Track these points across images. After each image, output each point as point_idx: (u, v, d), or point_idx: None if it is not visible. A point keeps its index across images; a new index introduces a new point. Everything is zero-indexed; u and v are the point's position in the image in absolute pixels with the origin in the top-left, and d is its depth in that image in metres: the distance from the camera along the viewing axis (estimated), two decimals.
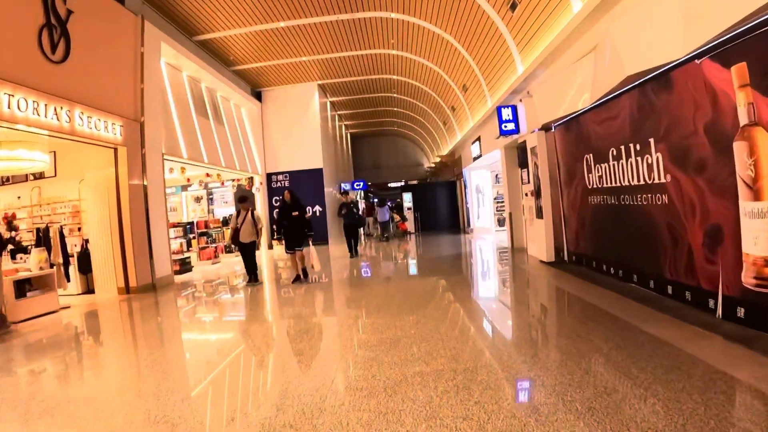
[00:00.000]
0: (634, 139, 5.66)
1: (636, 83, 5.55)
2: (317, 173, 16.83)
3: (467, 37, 10.66)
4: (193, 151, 12.05)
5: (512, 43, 8.79)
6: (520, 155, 9.38)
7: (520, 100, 8.73)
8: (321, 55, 14.58)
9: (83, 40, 7.90)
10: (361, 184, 25.27)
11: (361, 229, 16.44)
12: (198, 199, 18.19)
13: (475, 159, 14.13)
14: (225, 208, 17.22)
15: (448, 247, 13.12)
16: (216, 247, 13.95)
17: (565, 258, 8.10)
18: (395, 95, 19.66)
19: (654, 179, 5.32)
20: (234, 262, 13.62)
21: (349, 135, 27.99)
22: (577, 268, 7.57)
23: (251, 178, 16.58)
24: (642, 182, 5.57)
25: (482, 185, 15.86)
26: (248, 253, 8.49)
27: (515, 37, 8.60)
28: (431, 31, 11.86)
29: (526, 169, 9.13)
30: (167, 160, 10.79)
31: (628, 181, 5.85)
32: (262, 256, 14.61)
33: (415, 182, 28.14)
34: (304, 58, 14.75)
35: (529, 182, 8.96)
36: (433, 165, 26.26)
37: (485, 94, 11.73)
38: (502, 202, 15.83)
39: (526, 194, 9.17)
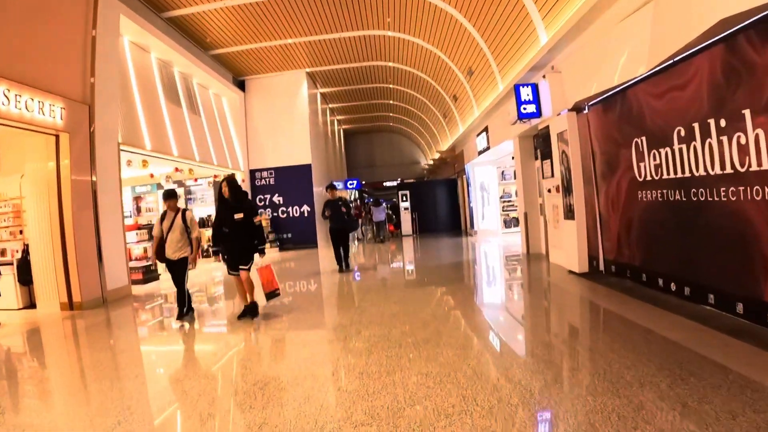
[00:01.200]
0: (716, 112, 4.18)
1: (719, 36, 4.08)
2: (306, 169, 15.28)
3: (475, 9, 9.18)
4: (159, 142, 10.47)
5: (533, 8, 7.31)
6: (541, 144, 7.90)
7: (544, 77, 7.25)
8: (309, 37, 13.05)
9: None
10: (355, 183, 23.72)
11: (353, 233, 14.92)
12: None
13: (480, 153, 12.66)
14: (204, 207, 15.68)
15: (452, 252, 11.63)
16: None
17: (601, 268, 6.63)
18: (391, 86, 18.16)
19: (750, 166, 3.84)
20: (213, 267, 12.04)
21: (342, 131, 26.47)
22: (619, 281, 6.10)
23: (232, 175, 14.97)
24: (729, 171, 4.09)
25: (487, 182, 14.40)
26: (177, 274, 5.82)
27: (537, 0, 7.13)
28: (433, 5, 10.37)
29: (548, 161, 7.65)
30: (125, 151, 9.22)
31: (705, 169, 4.37)
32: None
33: (412, 180, 26.65)
34: (290, 41, 13.21)
35: (553, 175, 7.49)
36: (431, 162, 24.78)
37: (495, 76, 10.26)
38: (510, 200, 14.39)
39: (549, 191, 7.69)
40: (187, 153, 11.81)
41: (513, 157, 12.27)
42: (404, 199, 17.61)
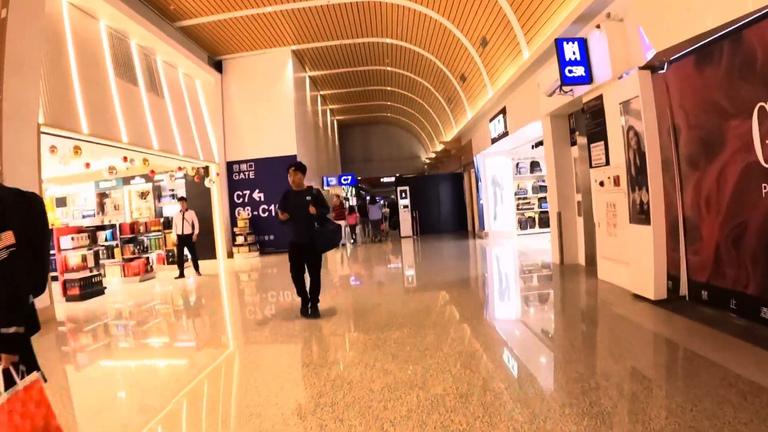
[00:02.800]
0: None
1: None
2: (289, 160, 13.24)
3: None
4: (101, 125, 8.46)
5: None
6: (590, 122, 5.92)
7: (598, 27, 5.27)
8: (293, 3, 11.03)
9: None
10: (350, 178, 21.67)
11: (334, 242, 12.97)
12: (143, 195, 14.62)
13: (495, 140, 10.69)
14: (174, 205, 13.68)
15: (461, 261, 9.65)
16: (147, 259, 10.36)
17: (683, 292, 4.68)
18: (388, 68, 16.14)
19: None
20: (171, 277, 10.06)
21: (335, 123, 24.43)
22: (722, 314, 4.15)
23: (205, 168, 12.98)
24: None
25: (500, 176, 12.44)
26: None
27: None
28: None
29: (600, 143, 5.69)
30: (48, 134, 7.21)
31: None
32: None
33: (412, 175, 24.65)
34: (270, 8, 11.19)
35: (608, 163, 5.53)
36: (432, 156, 22.79)
37: (518, 42, 8.28)
38: (525, 197, 12.44)
39: (601, 183, 5.73)
40: (143, 140, 9.79)
41: (534, 146, 10.35)
42: (403, 195, 15.63)
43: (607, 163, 5.54)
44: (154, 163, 11.38)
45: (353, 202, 28.29)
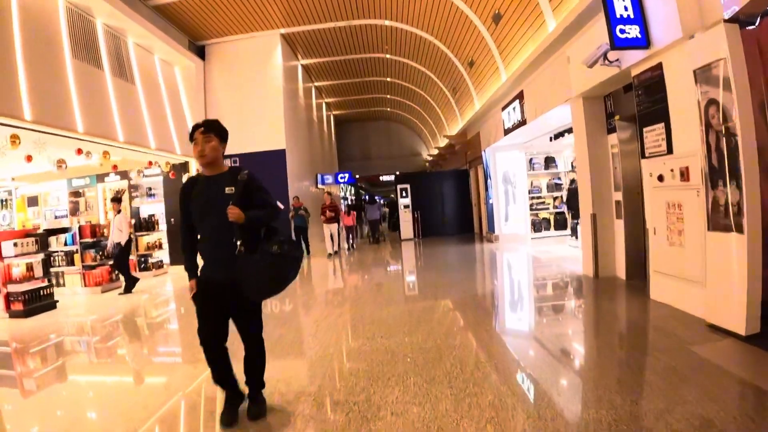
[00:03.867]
0: None
1: None
2: (278, 156, 12.00)
3: None
4: (49, 111, 7.19)
5: None
6: (642, 100, 4.64)
7: None
8: None
9: None
10: (347, 176, 20.43)
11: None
12: (119, 193, 13.33)
13: (509, 131, 9.41)
14: (152, 204, 12.46)
15: (471, 270, 8.39)
16: (112, 266, 9.10)
17: None
18: (387, 56, 14.86)
19: None
20: (146, 287, 8.80)
21: (332, 118, 23.15)
22: None
23: (184, 164, 11.72)
24: None
25: (513, 173, 11.17)
26: None
27: None
28: None
29: (657, 126, 4.41)
30: None
31: None
32: None
33: (413, 172, 23.35)
34: None
35: (669, 151, 4.26)
36: (435, 153, 21.52)
37: (541, 11, 7.01)
38: (539, 196, 11.18)
39: (660, 178, 4.45)
40: (105, 130, 8.53)
41: (552, 138, 9.09)
42: (404, 194, 14.36)
43: (669, 151, 4.27)
44: (127, 158, 10.14)
45: (350, 202, 27.08)
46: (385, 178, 25.88)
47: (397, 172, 21.86)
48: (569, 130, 9.44)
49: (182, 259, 2.91)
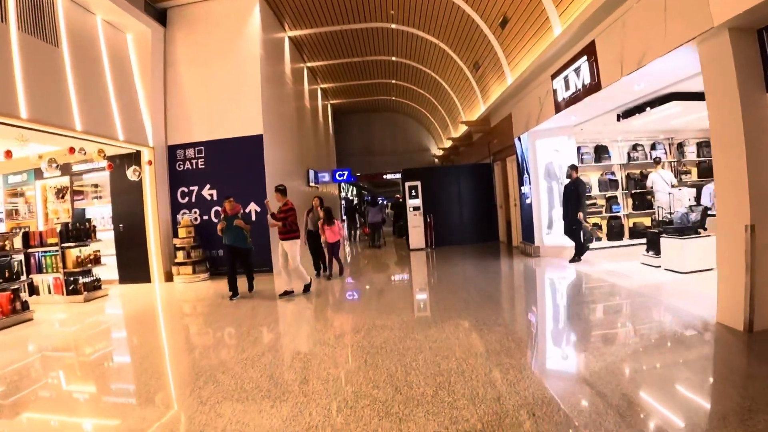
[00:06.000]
0: None
1: None
2: (253, 144, 9.38)
3: None
4: None
5: None
6: None
7: None
8: None
9: None
10: (345, 173, 17.90)
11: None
12: (61, 192, 10.81)
13: (566, 105, 6.75)
14: (98, 205, 9.99)
15: (520, 312, 5.72)
16: (14, 292, 6.49)
17: None
18: (393, 26, 12.23)
19: None
20: (67, 318, 6.24)
21: (329, 108, 20.56)
22: None
23: (134, 154, 9.15)
24: None
25: (559, 165, 8.50)
26: None
27: None
28: None
29: None
30: None
31: None
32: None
33: (425, 167, 20.71)
34: None
35: None
36: (446, 146, 18.90)
37: None
38: (589, 196, 8.58)
39: None
40: (6, 107, 5.99)
41: (620, 117, 6.48)
42: (413, 194, 11.73)
43: None
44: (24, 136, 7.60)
45: (335, 203, 24.53)
46: (389, 176, 23.29)
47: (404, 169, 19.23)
48: (640, 108, 6.85)
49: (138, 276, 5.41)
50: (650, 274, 6.37)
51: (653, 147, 9.94)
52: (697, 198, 7.54)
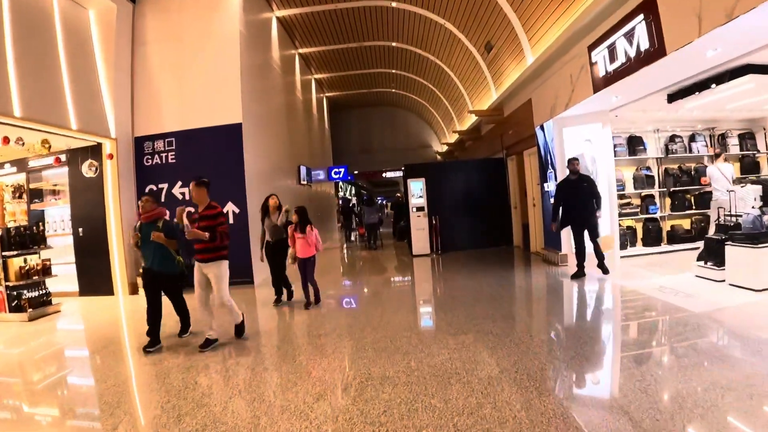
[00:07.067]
0: None
1: None
2: (231, 133, 8.05)
3: None
4: None
5: None
6: None
7: None
8: None
9: None
10: (342, 171, 16.63)
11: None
12: (18, 191, 9.49)
13: (613, 77, 5.44)
14: (61, 206, 8.71)
15: (579, 349, 4.44)
16: None
17: None
18: (393, 4, 10.92)
19: None
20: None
21: (325, 101, 19.25)
22: None
23: (93, 147, 7.83)
24: None
25: (592, 158, 7.19)
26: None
27: None
28: None
29: None
30: None
31: None
32: None
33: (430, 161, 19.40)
34: None
35: None
36: (451, 142, 17.62)
37: None
38: (622, 194, 7.33)
39: None
40: None
41: (669, 99, 5.21)
42: (417, 192, 10.41)
43: None
44: None
45: (331, 204, 23.42)
46: (388, 174, 22.00)
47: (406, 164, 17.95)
48: (702, 85, 5.55)
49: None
50: (716, 293, 5.09)
51: (692, 139, 8.67)
52: (764, 197, 6.25)
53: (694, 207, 8.52)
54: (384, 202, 34.03)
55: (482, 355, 3.66)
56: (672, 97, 6.04)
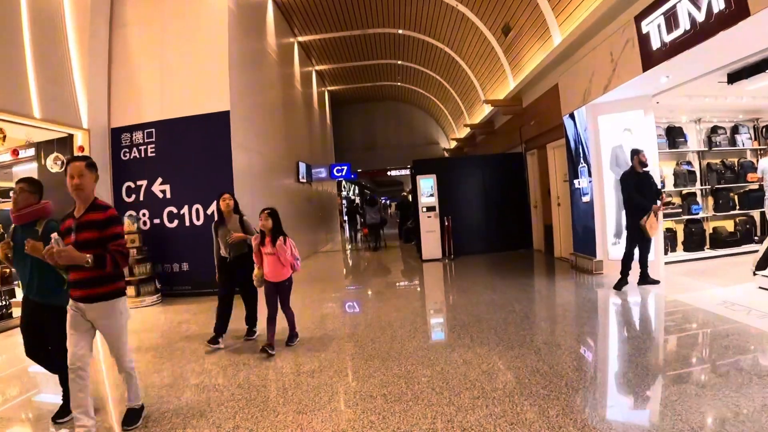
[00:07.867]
0: None
1: None
2: (218, 122, 7.13)
3: None
4: None
5: None
6: None
7: None
8: None
9: None
10: (344, 169, 15.72)
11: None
12: None
13: (673, 50, 4.48)
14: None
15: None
16: None
17: None
18: None
19: None
20: None
21: (326, 95, 18.34)
22: None
23: (64, 139, 6.94)
24: None
25: (631, 151, 6.25)
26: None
27: None
28: None
29: None
30: None
31: None
32: None
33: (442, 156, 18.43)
34: None
35: None
36: (462, 135, 16.69)
37: None
38: (661, 191, 6.36)
39: None
40: None
41: (730, 79, 4.28)
42: (427, 191, 9.47)
43: None
44: None
45: (333, 204, 22.47)
46: (393, 172, 21.07)
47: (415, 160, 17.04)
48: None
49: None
50: None
51: (735, 130, 7.70)
52: None
53: (738, 207, 7.57)
54: (388, 202, 33.11)
55: (533, 410, 2.71)
56: (732, 77, 5.09)
